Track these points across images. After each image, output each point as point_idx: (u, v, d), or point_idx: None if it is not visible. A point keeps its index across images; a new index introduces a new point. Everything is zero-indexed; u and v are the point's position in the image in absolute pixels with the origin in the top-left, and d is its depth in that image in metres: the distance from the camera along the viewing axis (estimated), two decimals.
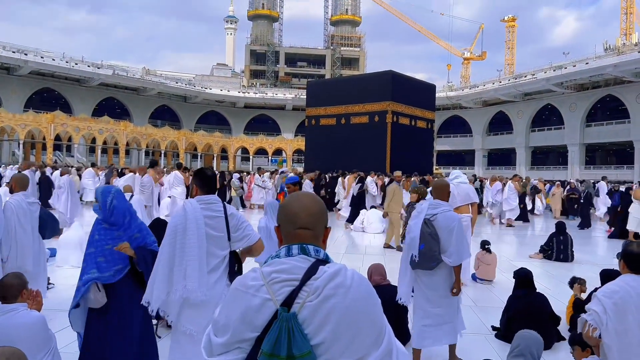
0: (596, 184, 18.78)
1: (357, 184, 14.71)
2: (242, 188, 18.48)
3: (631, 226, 11.53)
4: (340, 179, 17.53)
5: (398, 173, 11.94)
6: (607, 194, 17.73)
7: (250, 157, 54.56)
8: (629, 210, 11.75)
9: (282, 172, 21.06)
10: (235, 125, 64.13)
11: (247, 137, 57.00)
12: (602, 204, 18.16)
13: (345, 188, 16.64)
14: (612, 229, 14.42)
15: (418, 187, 5.80)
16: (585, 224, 15.45)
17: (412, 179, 16.24)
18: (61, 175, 12.47)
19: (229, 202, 17.81)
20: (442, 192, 4.22)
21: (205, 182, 3.27)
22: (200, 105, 62.33)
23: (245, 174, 22.82)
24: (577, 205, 17.34)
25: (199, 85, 60.48)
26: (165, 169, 16.56)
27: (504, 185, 16.22)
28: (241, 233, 3.19)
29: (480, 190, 17.85)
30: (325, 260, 1.48)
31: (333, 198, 17.80)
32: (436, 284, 4.02)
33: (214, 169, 23.01)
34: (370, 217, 12.92)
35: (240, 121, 64.49)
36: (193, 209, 3.08)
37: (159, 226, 5.19)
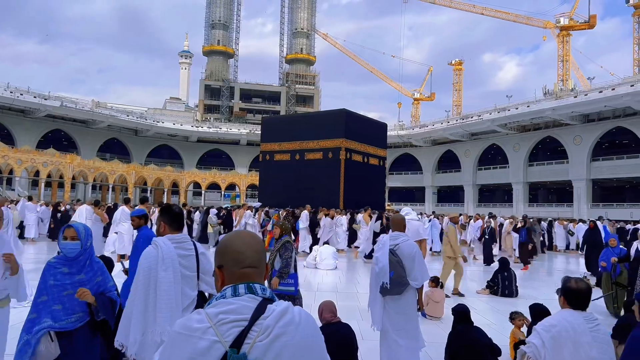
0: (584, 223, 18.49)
1: (376, 221, 14.53)
2: (221, 224, 17.95)
3: None
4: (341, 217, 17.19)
5: (455, 214, 10.87)
6: (514, 230, 16.70)
7: (203, 191, 53.77)
8: None
9: (257, 207, 20.47)
10: (187, 159, 63.27)
11: (199, 171, 56.27)
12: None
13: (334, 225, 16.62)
14: (528, 265, 14.73)
15: (282, 223, 5.87)
16: (488, 260, 15.05)
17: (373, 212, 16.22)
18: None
19: (203, 239, 17.28)
20: (399, 225, 4.76)
21: (174, 219, 3.21)
22: (152, 139, 61.26)
23: (230, 208, 21.68)
24: (533, 244, 17.34)
25: (151, 119, 59.59)
26: (152, 205, 15.90)
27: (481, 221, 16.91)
28: (209, 279, 3.14)
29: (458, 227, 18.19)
30: (272, 299, 1.47)
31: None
32: (403, 307, 4.45)
33: (183, 204, 22.13)
34: (323, 253, 12.90)
35: (193, 155, 63.72)
36: (167, 248, 2.99)
37: (103, 263, 5.02)
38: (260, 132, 29.41)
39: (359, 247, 15.88)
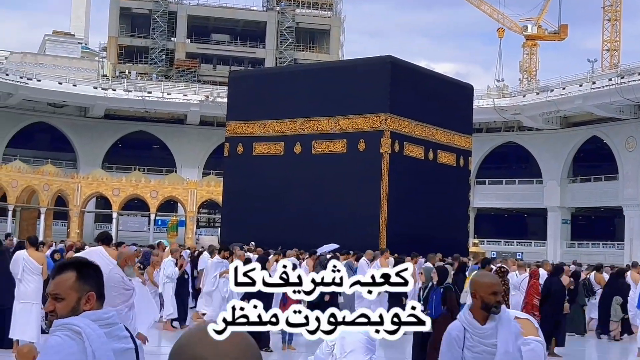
0: None
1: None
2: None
3: None
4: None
5: None
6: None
7: (114, 214, 53.69)
8: None
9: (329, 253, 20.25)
10: (85, 151, 63.52)
11: (108, 174, 56.36)
12: None
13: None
14: None
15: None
16: None
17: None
18: None
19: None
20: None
21: (102, 284, 3.35)
22: (19, 112, 61.65)
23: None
24: None
25: (16, 74, 59.79)
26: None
27: None
28: None
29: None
30: None
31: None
32: None
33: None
34: (347, 340, 12.72)
35: (97, 144, 63.95)
36: (98, 340, 2.97)
37: None
38: (226, 100, 29.42)
39: None
